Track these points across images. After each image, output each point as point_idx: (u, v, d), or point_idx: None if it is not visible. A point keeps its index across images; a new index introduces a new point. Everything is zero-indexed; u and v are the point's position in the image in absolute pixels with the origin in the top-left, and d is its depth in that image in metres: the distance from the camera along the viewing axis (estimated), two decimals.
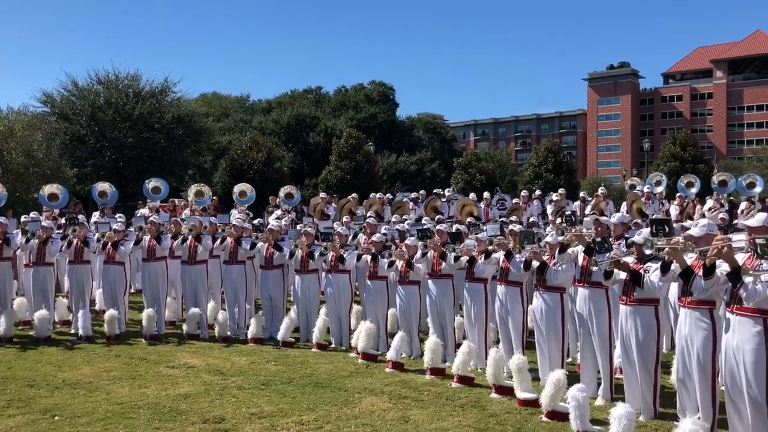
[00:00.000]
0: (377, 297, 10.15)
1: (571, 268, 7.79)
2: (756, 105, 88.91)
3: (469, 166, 41.04)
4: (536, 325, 8.12)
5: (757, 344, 5.48)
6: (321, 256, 10.66)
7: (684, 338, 6.14)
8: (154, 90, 34.71)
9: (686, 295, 6.11)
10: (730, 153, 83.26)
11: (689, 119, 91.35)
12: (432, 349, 8.59)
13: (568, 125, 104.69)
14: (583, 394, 6.30)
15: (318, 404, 7.40)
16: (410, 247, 9.73)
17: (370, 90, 63.91)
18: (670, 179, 21.31)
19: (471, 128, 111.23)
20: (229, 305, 11.37)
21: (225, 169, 36.12)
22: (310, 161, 51.02)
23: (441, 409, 7.23)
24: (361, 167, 37.40)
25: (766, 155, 60.90)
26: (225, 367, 9.17)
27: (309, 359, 9.59)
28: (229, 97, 71.05)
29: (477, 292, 8.98)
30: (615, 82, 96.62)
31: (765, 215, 5.85)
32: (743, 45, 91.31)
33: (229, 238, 11.30)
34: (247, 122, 57.32)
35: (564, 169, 40.85)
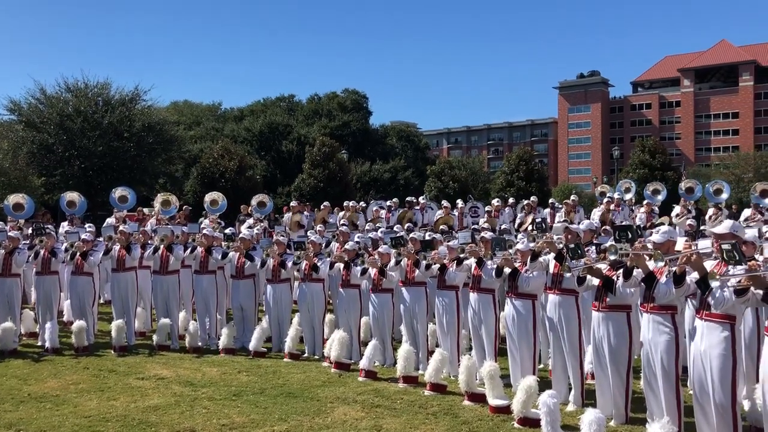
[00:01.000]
0: (350, 305, 10.11)
1: (543, 275, 7.85)
2: (722, 113, 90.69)
3: (442, 174, 41.29)
4: (508, 332, 8.16)
5: (723, 350, 5.59)
6: (294, 264, 10.61)
7: (648, 343, 6.25)
8: (124, 98, 34.35)
9: (648, 300, 6.22)
10: (698, 160, 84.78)
11: (658, 127, 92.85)
12: (405, 357, 8.58)
13: (540, 133, 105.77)
14: (554, 400, 6.34)
15: (290, 414, 7.34)
16: (383, 255, 9.72)
17: (343, 98, 63.99)
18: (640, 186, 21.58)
19: (444, 136, 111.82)
20: (200, 315, 11.24)
21: (196, 177, 35.86)
22: (282, 169, 50.86)
23: (414, 417, 7.22)
24: (335, 175, 37.42)
25: (733, 162, 62.18)
26: (196, 378, 9.06)
27: (281, 369, 9.51)
28: (201, 105, 70.62)
29: (449, 299, 9.01)
30: (585, 90, 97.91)
31: (731, 222, 5.98)
32: (709, 54, 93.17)
33: (200, 248, 11.19)
34: (219, 130, 56.96)
35: (535, 176, 41.32)
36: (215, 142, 44.77)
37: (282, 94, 70.37)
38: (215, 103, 72.08)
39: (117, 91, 34.65)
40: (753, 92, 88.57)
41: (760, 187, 14.92)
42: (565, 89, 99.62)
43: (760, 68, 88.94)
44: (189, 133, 49.54)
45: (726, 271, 5.55)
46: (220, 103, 73.86)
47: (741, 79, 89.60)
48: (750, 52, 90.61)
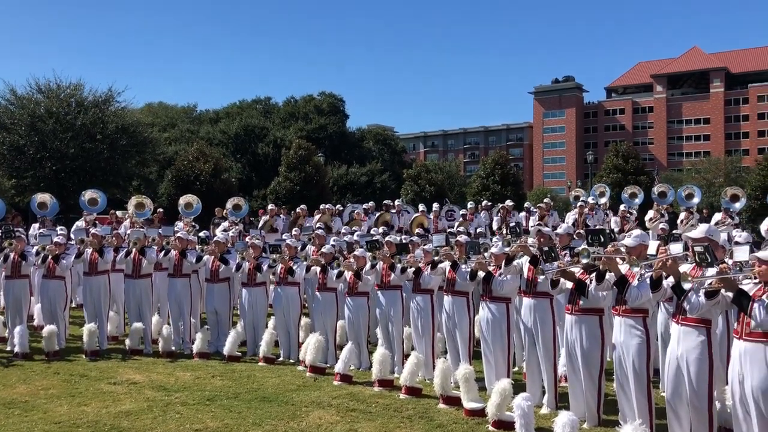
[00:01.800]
0: (326, 309, 10.08)
1: (517, 279, 7.89)
2: (694, 119, 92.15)
3: (418, 178, 41.34)
4: (482, 335, 8.19)
5: (700, 354, 5.68)
6: (270, 268, 10.56)
7: (619, 346, 6.33)
8: (97, 99, 33.89)
9: (620, 303, 6.30)
10: (670, 165, 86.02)
11: (631, 132, 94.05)
12: (380, 361, 8.58)
13: (515, 137, 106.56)
14: (529, 403, 6.38)
15: (264, 419, 7.29)
16: (359, 259, 9.71)
17: (319, 101, 63.88)
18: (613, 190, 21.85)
19: (421, 140, 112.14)
20: (174, 319, 11.14)
21: (171, 180, 35.49)
22: (258, 172, 50.61)
23: (389, 421, 7.21)
24: (311, 178, 37.28)
25: (704, 167, 63.22)
26: (169, 382, 8.96)
27: (256, 373, 9.45)
28: (176, 107, 70.04)
29: (424, 302, 9.02)
30: (560, 95, 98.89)
31: (707, 226, 6.09)
32: (681, 61, 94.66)
33: (174, 251, 11.09)
34: (194, 132, 56.53)
35: (511, 180, 41.57)
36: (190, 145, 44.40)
37: (258, 97, 70.27)
38: (190, 105, 71.69)
39: (90, 92, 34.21)
40: (723, 99, 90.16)
41: (731, 192, 15.17)
42: (541, 94, 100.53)
43: (730, 75, 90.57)
44: (163, 135, 49.08)
45: (702, 275, 5.63)
46: (196, 105, 73.32)
47: (712, 86, 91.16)
48: (721, 59, 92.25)
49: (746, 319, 5.20)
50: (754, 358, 5.15)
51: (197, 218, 16.97)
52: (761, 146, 76.20)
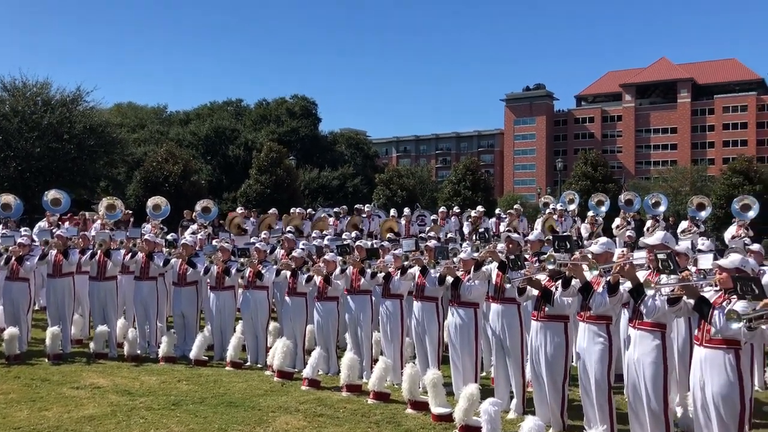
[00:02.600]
0: (296, 313, 10.03)
1: (485, 284, 7.93)
2: (662, 128, 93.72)
3: (390, 182, 41.34)
4: (450, 340, 8.22)
5: (655, 357, 5.79)
6: (238, 272, 10.48)
7: (582, 351, 6.41)
8: (64, 99, 33.31)
9: (585, 310, 6.39)
10: (638, 173, 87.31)
11: (600, 140, 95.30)
12: (348, 366, 8.55)
13: (487, 144, 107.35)
14: (495, 408, 6.41)
15: (230, 424, 7.22)
16: (329, 263, 9.69)
17: (292, 104, 63.59)
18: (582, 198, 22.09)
19: (393, 145, 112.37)
20: (140, 323, 10.99)
21: (139, 181, 35.02)
22: (229, 174, 50.22)
23: (356, 426, 7.19)
24: (282, 181, 37.05)
25: (671, 176, 64.31)
26: (134, 387, 8.83)
27: (222, 378, 9.36)
28: (146, 108, 69.23)
29: (393, 307, 9.03)
30: (531, 103, 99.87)
31: (663, 233, 6.21)
32: (650, 71, 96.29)
33: (141, 253, 10.94)
34: (164, 134, 55.86)
35: (482, 186, 41.79)
36: (159, 146, 43.88)
37: (229, 99, 69.75)
38: (160, 106, 70.88)
39: (57, 91, 33.61)
40: (690, 109, 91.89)
41: (697, 201, 15.47)
42: (512, 101, 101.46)
43: (697, 86, 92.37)
44: (132, 136, 48.41)
45: (658, 281, 5.74)
46: (166, 106, 72.54)
47: (679, 96, 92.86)
48: (688, 70, 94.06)
49: (707, 326, 5.29)
50: (714, 364, 5.25)
51: (166, 220, 16.77)
52: (726, 156, 77.74)
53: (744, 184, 36.85)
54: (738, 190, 33.71)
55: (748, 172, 38.71)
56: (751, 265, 5.45)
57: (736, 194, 23.99)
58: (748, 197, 14.43)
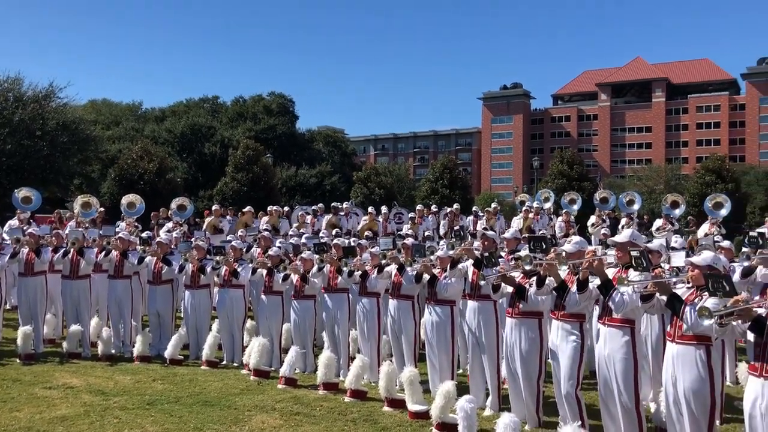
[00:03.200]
0: (272, 312, 9.98)
1: (461, 282, 7.96)
2: (636, 127, 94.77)
3: (368, 181, 41.29)
4: (427, 338, 8.23)
5: (625, 353, 5.88)
6: (213, 270, 10.40)
7: (555, 348, 6.48)
8: (37, 95, 32.78)
9: (559, 308, 6.45)
10: (613, 171, 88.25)
11: (576, 139, 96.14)
12: (325, 364, 8.54)
13: (464, 142, 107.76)
14: (471, 405, 6.43)
15: (206, 423, 7.17)
16: (306, 261, 9.65)
17: (269, 101, 63.20)
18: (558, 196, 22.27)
19: (371, 143, 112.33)
20: (114, 322, 10.87)
21: (114, 179, 34.60)
22: (205, 172, 49.80)
23: (333, 424, 7.18)
24: (259, 179, 36.84)
25: (646, 174, 65.06)
26: (108, 386, 8.73)
27: (198, 377, 9.29)
28: (120, 105, 68.30)
29: (370, 305, 9.02)
30: (508, 102, 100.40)
31: (631, 231, 6.31)
32: (625, 70, 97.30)
33: (115, 252, 10.82)
34: (139, 131, 55.21)
35: (459, 184, 41.94)
36: (134, 143, 43.41)
37: (205, 96, 68.98)
38: (135, 103, 69.96)
39: (29, 87, 33.04)
40: (665, 108, 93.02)
41: (671, 199, 15.67)
42: (489, 100, 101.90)
43: (671, 85, 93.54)
44: (107, 133, 47.85)
45: (627, 277, 5.81)
46: (141, 102, 71.77)
47: (654, 95, 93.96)
48: (662, 69, 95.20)
49: (679, 322, 5.37)
50: (686, 360, 5.32)
51: (140, 218, 16.60)
52: (699, 155, 78.74)
53: (717, 182, 37.41)
54: (711, 188, 34.21)
55: (720, 171, 39.31)
56: (722, 262, 5.53)
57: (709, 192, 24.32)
58: (720, 195, 14.65)
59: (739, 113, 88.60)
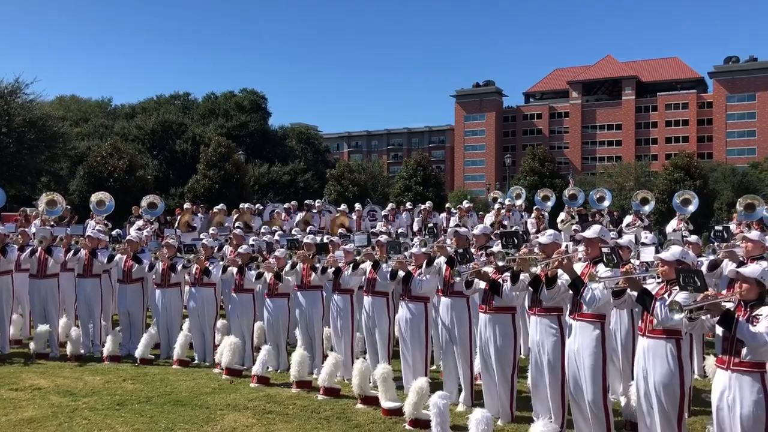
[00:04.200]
0: (243, 310, 9.90)
1: (435, 279, 7.98)
2: (607, 125, 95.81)
3: (342, 178, 41.20)
4: (401, 334, 8.24)
5: (595, 348, 5.93)
6: (184, 268, 10.29)
7: (535, 344, 6.50)
8: (2, 91, 32.12)
9: (535, 303, 6.49)
10: (584, 169, 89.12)
11: (548, 136, 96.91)
12: (298, 362, 8.50)
13: (438, 140, 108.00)
14: (444, 401, 6.45)
15: (177, 423, 7.09)
16: (279, 259, 9.59)
17: (241, 98, 62.71)
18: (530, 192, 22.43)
19: (344, 140, 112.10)
20: (83, 321, 10.70)
21: (83, 176, 34.10)
22: (176, 169, 49.26)
23: (306, 422, 7.15)
24: (231, 177, 36.54)
25: (616, 172, 65.87)
26: (76, 387, 8.59)
27: (169, 376, 9.18)
28: (89, 101, 67.31)
29: (343, 302, 9.00)
30: (480, 99, 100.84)
31: (599, 227, 6.38)
32: (596, 68, 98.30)
33: (84, 250, 10.64)
34: (109, 128, 54.48)
35: (432, 182, 42.09)
36: (104, 140, 42.80)
37: (176, 92, 68.26)
38: (105, 99, 69.05)
39: None
40: (634, 106, 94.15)
41: (641, 195, 15.84)
42: (462, 98, 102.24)
43: (640, 83, 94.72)
44: (75, 130, 47.10)
45: (596, 272, 5.88)
46: (110, 99, 70.70)
47: (624, 93, 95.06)
48: (632, 68, 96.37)
49: (649, 317, 5.43)
50: (657, 354, 5.39)
51: (110, 216, 16.35)
52: (668, 152, 79.82)
53: (685, 179, 38.01)
54: (679, 185, 34.74)
55: (688, 168, 39.93)
56: (691, 257, 5.61)
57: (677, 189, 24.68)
58: (688, 192, 14.84)
59: (707, 111, 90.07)
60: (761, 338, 4.64)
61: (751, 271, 4.93)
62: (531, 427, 5.94)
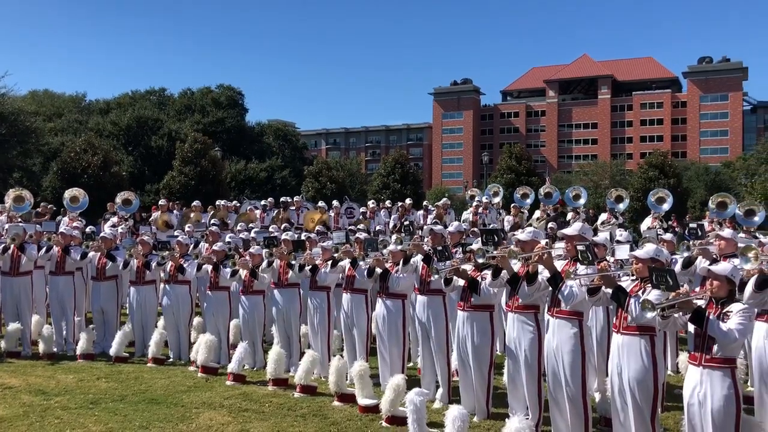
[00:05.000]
0: (219, 308, 9.83)
1: (412, 276, 7.99)
2: (583, 123, 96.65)
3: (319, 175, 41.12)
4: (378, 332, 8.25)
5: (574, 345, 5.97)
6: (159, 266, 10.19)
7: (512, 341, 6.53)
8: None
9: (513, 300, 6.52)
10: (560, 167, 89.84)
11: (525, 135, 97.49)
12: (275, 360, 8.46)
13: (416, 137, 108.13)
14: (421, 398, 6.45)
15: (152, 422, 7.02)
16: (254, 256, 9.53)
17: (217, 93, 62.20)
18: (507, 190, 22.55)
19: (323, 137, 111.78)
20: (56, 319, 10.55)
21: (56, 172, 33.65)
22: (151, 166, 48.80)
23: (282, 420, 7.12)
24: (207, 173, 36.28)
25: (592, 170, 66.46)
26: (49, 386, 8.46)
27: (144, 375, 9.09)
28: (63, 96, 66.33)
29: (320, 300, 8.97)
30: (458, 97, 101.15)
31: (580, 225, 6.43)
32: (572, 68, 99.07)
33: (56, 247, 10.49)
34: (83, 123, 53.77)
35: (410, 179, 42.20)
36: (78, 136, 42.26)
37: (152, 87, 67.46)
38: (79, 94, 68.03)
39: None
40: (610, 105, 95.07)
41: (615, 193, 15.99)
42: (440, 96, 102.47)
43: (616, 82, 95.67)
44: (49, 125, 46.40)
45: (575, 270, 5.92)
46: (85, 94, 69.89)
47: (600, 92, 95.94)
48: (608, 67, 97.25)
49: (623, 314, 5.49)
50: (631, 351, 5.46)
51: (84, 213, 16.13)
52: (643, 151, 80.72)
53: (659, 177, 38.50)
54: (654, 183, 35.16)
55: (663, 167, 40.45)
56: (664, 255, 5.68)
57: (652, 187, 24.98)
58: (663, 190, 15.00)
59: (681, 110, 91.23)
60: (731, 335, 4.72)
61: (722, 268, 5.01)
62: (506, 424, 5.97)
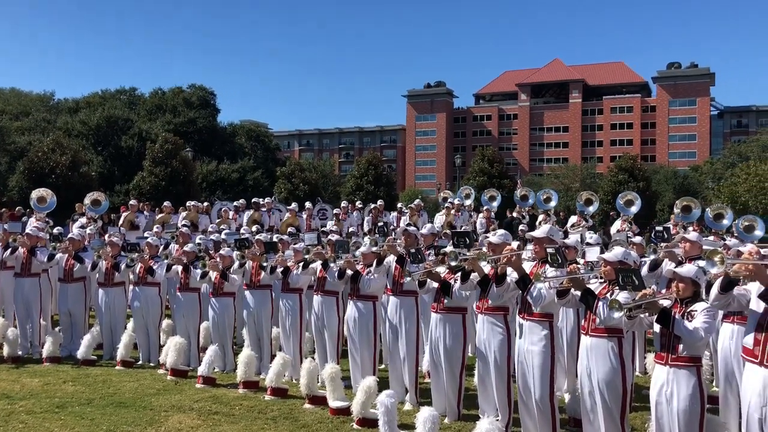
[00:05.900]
0: (189, 310, 9.73)
1: (384, 278, 7.99)
2: (554, 127, 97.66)
3: (292, 176, 40.99)
4: (349, 334, 8.23)
5: (543, 347, 6.03)
6: (128, 267, 10.05)
7: (482, 342, 6.57)
8: None
9: (483, 302, 6.55)
10: (532, 170, 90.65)
11: (497, 138, 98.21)
12: (245, 362, 8.40)
13: (389, 139, 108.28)
14: (392, 400, 6.45)
15: (119, 425, 6.92)
16: (225, 258, 9.46)
17: (189, 93, 61.58)
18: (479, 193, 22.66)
19: (296, 138, 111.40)
20: (21, 321, 10.35)
21: (23, 172, 33.07)
22: (121, 166, 48.22)
23: (252, 423, 7.07)
24: (178, 174, 35.96)
25: (562, 173, 67.25)
26: (13, 390, 8.30)
27: (112, 378, 8.96)
28: (30, 95, 65.11)
29: (292, 302, 8.93)
30: (431, 100, 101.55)
31: (548, 227, 6.49)
32: (544, 72, 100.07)
33: (22, 248, 10.30)
34: (51, 122, 52.92)
35: (384, 181, 42.29)
36: (46, 135, 41.58)
37: (122, 87, 66.63)
38: (47, 93, 66.86)
39: None
40: (581, 109, 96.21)
41: (585, 196, 16.17)
42: (413, 98, 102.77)
43: (587, 87, 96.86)
44: (15, 124, 45.67)
45: (543, 272, 5.97)
46: (53, 93, 68.72)
47: (571, 96, 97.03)
48: (579, 71, 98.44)
49: (592, 316, 5.55)
50: (599, 353, 5.52)
51: (52, 214, 15.86)
52: (613, 154, 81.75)
53: (629, 181, 39.09)
54: (623, 186, 35.67)
55: (632, 170, 41.09)
56: (633, 258, 5.75)
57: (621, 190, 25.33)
58: (631, 193, 15.21)
59: (650, 115, 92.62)
60: (697, 333, 4.80)
61: (687, 270, 5.10)
62: (477, 425, 5.99)
